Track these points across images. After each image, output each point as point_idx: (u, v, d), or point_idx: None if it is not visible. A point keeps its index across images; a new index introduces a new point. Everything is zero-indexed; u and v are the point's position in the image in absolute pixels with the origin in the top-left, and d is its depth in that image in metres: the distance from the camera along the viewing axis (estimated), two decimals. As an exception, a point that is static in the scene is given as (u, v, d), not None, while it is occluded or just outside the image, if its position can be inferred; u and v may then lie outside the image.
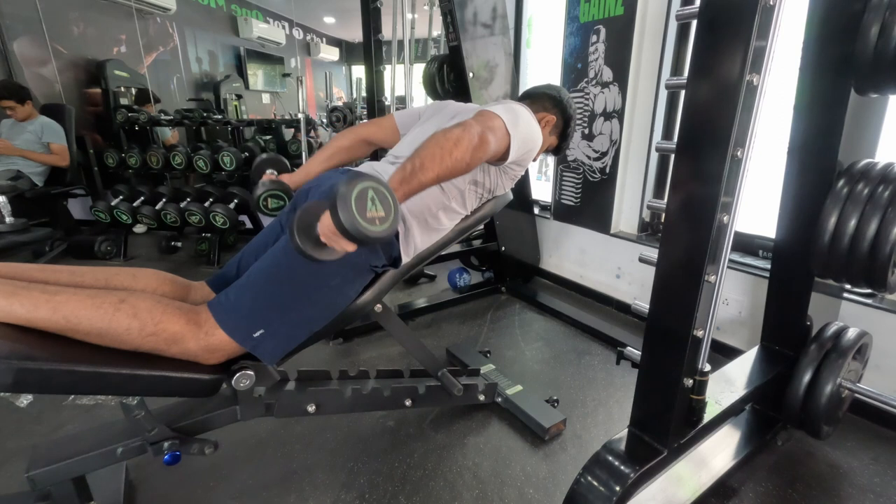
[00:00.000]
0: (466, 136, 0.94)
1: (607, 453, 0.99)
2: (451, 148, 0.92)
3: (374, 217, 0.78)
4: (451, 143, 0.92)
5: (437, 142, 0.92)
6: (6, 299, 0.77)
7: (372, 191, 0.78)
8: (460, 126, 0.95)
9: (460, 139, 0.93)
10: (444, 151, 0.92)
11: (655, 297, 0.99)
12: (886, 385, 1.40)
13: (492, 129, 1.00)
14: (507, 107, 1.10)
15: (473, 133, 0.95)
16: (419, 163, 0.91)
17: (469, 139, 0.94)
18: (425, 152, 0.91)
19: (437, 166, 0.91)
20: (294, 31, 6.56)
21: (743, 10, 0.77)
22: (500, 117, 1.04)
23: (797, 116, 1.16)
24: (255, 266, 1.01)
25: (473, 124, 0.97)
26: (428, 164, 0.91)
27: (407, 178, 0.90)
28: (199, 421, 1.05)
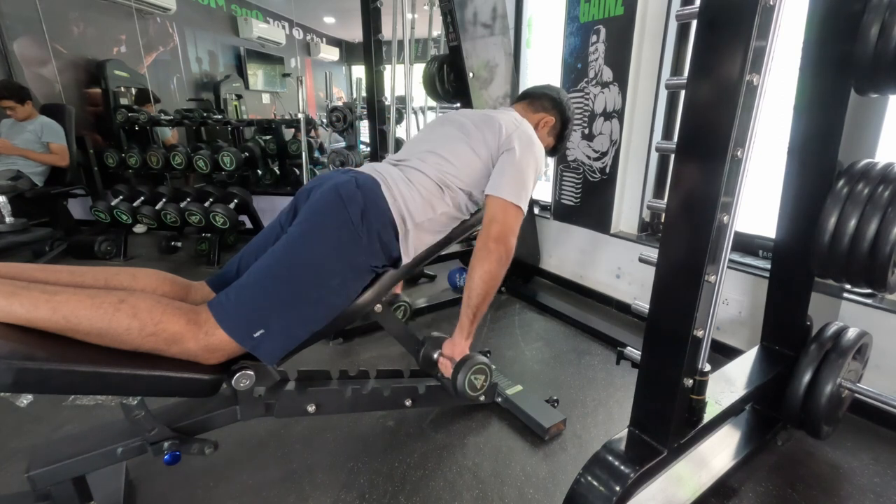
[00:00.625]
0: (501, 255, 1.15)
1: (607, 453, 0.99)
2: (496, 274, 1.15)
3: (479, 387, 1.24)
4: (493, 270, 1.15)
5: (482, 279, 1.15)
6: (6, 299, 0.77)
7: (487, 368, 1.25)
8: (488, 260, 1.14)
9: (495, 273, 1.15)
10: (489, 288, 1.16)
11: (655, 297, 0.99)
12: (886, 385, 1.40)
13: (512, 229, 1.17)
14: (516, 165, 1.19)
15: (504, 248, 1.15)
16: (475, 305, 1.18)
17: (500, 265, 1.15)
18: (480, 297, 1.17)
19: (490, 299, 1.18)
20: (294, 31, 6.55)
21: (743, 10, 0.77)
22: (514, 204, 1.16)
23: (797, 116, 1.16)
24: (256, 266, 1.01)
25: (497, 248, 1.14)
26: (482, 305, 1.18)
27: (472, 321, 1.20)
28: (199, 421, 1.04)
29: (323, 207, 1.06)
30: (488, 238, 1.15)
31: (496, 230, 1.15)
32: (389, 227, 1.10)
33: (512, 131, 1.22)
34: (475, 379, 1.22)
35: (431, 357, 1.31)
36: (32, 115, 3.03)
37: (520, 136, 1.22)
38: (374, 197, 1.09)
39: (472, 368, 1.21)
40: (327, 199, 1.06)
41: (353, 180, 1.09)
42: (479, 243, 1.17)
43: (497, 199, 1.16)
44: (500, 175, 1.19)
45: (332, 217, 1.05)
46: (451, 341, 1.26)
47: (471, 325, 1.21)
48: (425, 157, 1.22)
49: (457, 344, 1.24)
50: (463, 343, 1.24)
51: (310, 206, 1.08)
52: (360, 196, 1.07)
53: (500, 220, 1.16)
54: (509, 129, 1.23)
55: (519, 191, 1.17)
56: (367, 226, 1.06)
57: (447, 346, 1.26)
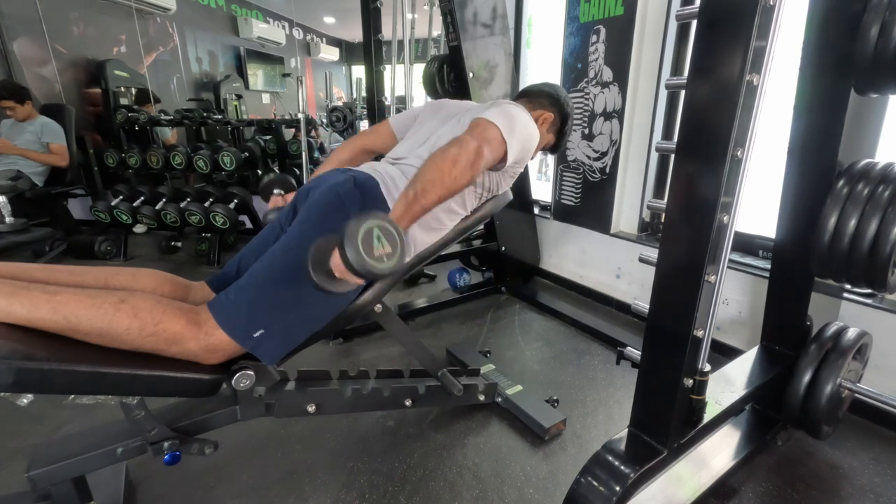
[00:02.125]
0: (463, 153, 0.96)
1: (607, 453, 0.99)
2: (450, 168, 0.94)
3: (381, 254, 0.81)
4: (448, 164, 0.94)
5: (435, 164, 0.95)
6: (6, 299, 0.77)
7: (377, 229, 0.81)
8: (456, 144, 0.97)
9: (457, 158, 0.95)
10: (443, 173, 0.94)
11: (655, 297, 0.99)
12: (886, 385, 1.40)
13: (487, 140, 1.02)
14: (503, 110, 1.11)
15: (470, 149, 0.97)
16: (420, 188, 0.93)
17: (466, 157, 0.96)
18: (425, 177, 0.94)
19: (439, 189, 0.94)
20: (294, 31, 6.55)
21: (743, 10, 0.77)
22: (496, 125, 1.05)
23: (797, 116, 1.16)
24: (255, 266, 1.01)
25: (469, 140, 0.98)
26: (429, 188, 0.93)
27: (410, 205, 0.93)
28: (199, 421, 1.05)
29: (321, 207, 1.06)
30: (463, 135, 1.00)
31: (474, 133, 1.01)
32: (389, 226, 1.10)
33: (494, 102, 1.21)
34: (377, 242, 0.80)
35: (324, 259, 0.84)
36: (32, 116, 3.03)
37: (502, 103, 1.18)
38: (373, 196, 1.09)
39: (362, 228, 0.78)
40: (326, 199, 1.06)
41: (351, 179, 1.09)
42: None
43: (479, 118, 1.06)
44: (484, 110, 1.10)
45: (330, 216, 1.05)
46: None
47: (405, 207, 0.92)
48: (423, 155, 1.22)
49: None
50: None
51: (309, 206, 1.08)
52: (358, 195, 1.07)
53: (482, 126, 1.03)
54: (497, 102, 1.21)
55: (504, 123, 1.05)
56: None
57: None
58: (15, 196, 2.78)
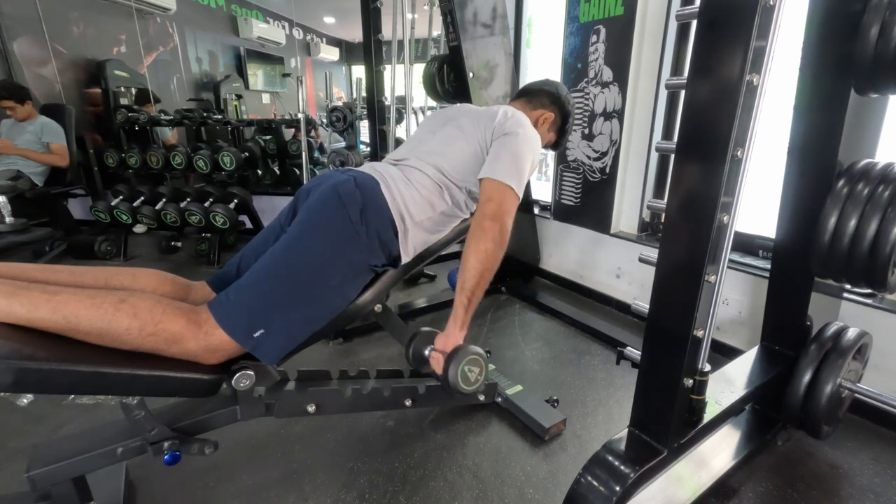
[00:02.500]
0: (496, 235, 1.09)
1: (607, 453, 0.99)
2: (491, 266, 1.09)
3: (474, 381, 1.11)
4: (489, 254, 1.08)
5: (478, 262, 1.08)
6: (6, 299, 0.77)
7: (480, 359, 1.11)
8: (483, 237, 1.08)
9: (492, 254, 1.09)
10: (486, 271, 1.08)
11: (655, 297, 0.99)
12: (886, 385, 1.40)
13: (508, 211, 1.12)
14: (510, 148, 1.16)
15: (499, 227, 1.09)
16: (470, 290, 1.09)
17: (495, 245, 1.09)
18: (474, 281, 1.08)
19: (485, 284, 1.10)
20: (294, 31, 6.55)
21: (743, 10, 0.77)
22: (510, 187, 1.12)
23: (797, 116, 1.16)
24: (256, 266, 1.01)
25: (492, 226, 1.09)
26: (478, 291, 1.10)
27: (467, 309, 1.10)
28: (199, 421, 1.04)
29: (322, 207, 1.06)
30: (483, 217, 1.09)
31: (492, 209, 1.10)
32: (389, 226, 1.10)
33: (504, 120, 1.22)
34: (469, 371, 1.08)
35: (422, 353, 1.18)
36: (32, 116, 3.03)
37: (513, 123, 1.21)
38: (373, 196, 1.09)
39: (464, 359, 1.07)
40: (326, 199, 1.06)
41: (351, 180, 1.09)
42: (473, 224, 1.11)
43: (492, 181, 1.13)
44: (495, 159, 1.16)
45: (331, 216, 1.05)
46: (444, 334, 1.14)
47: (465, 313, 1.10)
48: (424, 156, 1.22)
49: (450, 335, 1.12)
50: (457, 334, 1.11)
51: (309, 206, 1.08)
52: (358, 195, 1.07)
53: (497, 199, 1.11)
54: (502, 117, 1.23)
55: (514, 173, 1.14)
56: (367, 225, 1.06)
57: (440, 340, 1.14)
58: (15, 196, 2.78)
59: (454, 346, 1.10)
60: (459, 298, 1.10)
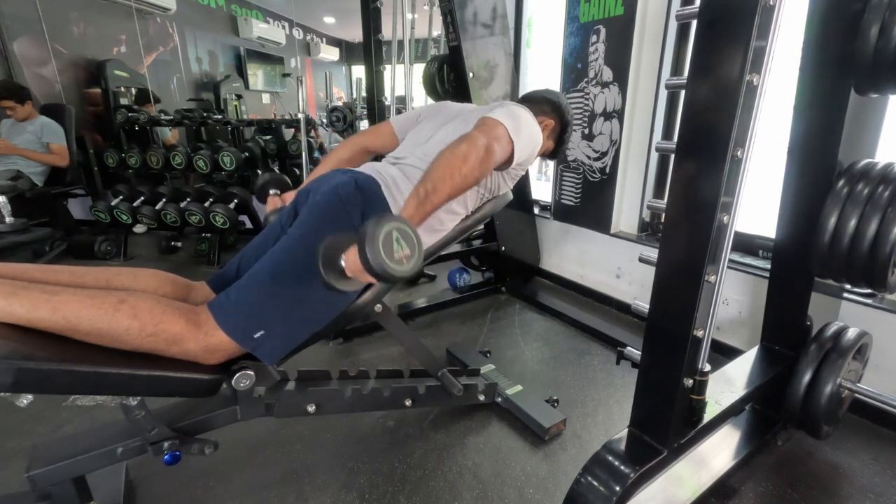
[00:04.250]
0: (473, 150, 0.95)
1: (607, 453, 0.99)
2: (460, 165, 0.94)
3: (401, 257, 0.81)
4: (458, 161, 0.94)
5: (445, 161, 0.94)
6: (6, 299, 0.77)
7: (396, 231, 0.80)
8: (465, 141, 0.97)
9: (467, 155, 0.94)
10: (454, 169, 0.93)
11: (655, 297, 0.99)
12: (886, 385, 1.40)
13: (496, 137, 1.02)
14: (509, 111, 1.11)
15: (479, 145, 0.97)
16: (431, 186, 0.92)
17: (476, 153, 0.95)
18: (435, 174, 0.93)
19: (449, 186, 0.93)
20: (294, 31, 6.55)
21: (743, 10, 0.77)
22: (503, 124, 1.05)
23: (797, 116, 1.16)
24: (256, 267, 1.01)
25: (478, 136, 0.98)
26: (439, 185, 0.92)
27: (421, 203, 0.92)
28: (199, 421, 1.05)
29: (322, 208, 1.06)
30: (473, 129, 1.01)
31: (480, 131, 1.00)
32: (389, 227, 1.10)
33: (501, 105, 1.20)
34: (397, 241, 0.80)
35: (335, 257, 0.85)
36: (32, 116, 3.03)
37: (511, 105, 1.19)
38: (374, 197, 1.09)
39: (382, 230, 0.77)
40: (327, 200, 1.06)
41: (352, 181, 1.09)
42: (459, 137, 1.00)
43: (485, 117, 1.06)
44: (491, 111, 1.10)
45: (331, 217, 1.05)
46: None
47: (417, 205, 0.91)
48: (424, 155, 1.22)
49: None
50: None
51: (309, 207, 1.08)
52: (359, 196, 1.07)
53: (489, 125, 1.03)
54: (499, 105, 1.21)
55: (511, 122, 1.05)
56: None
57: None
58: (15, 196, 2.78)
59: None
60: (415, 189, 0.93)
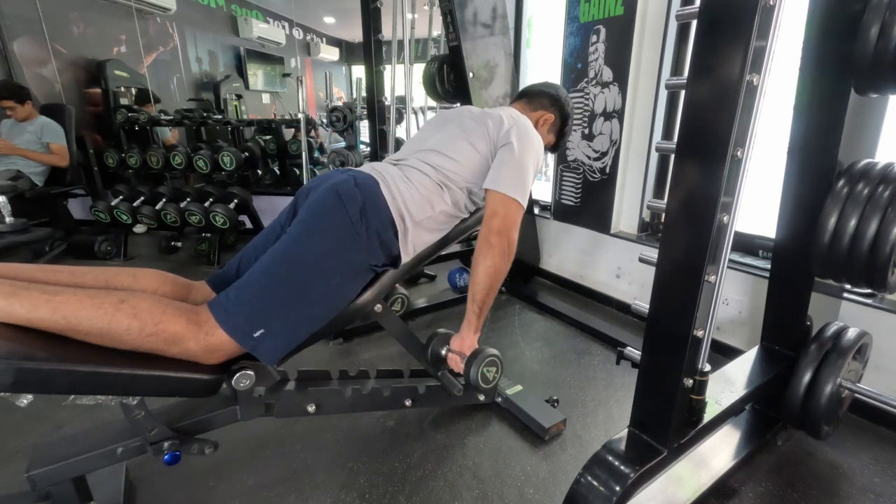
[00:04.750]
0: (504, 248, 1.15)
1: (607, 453, 0.99)
2: (497, 277, 1.16)
3: (491, 379, 1.28)
4: (497, 264, 1.15)
5: (486, 272, 1.15)
6: (6, 299, 0.77)
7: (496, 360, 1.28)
8: (490, 252, 1.14)
9: (498, 267, 1.15)
10: (494, 282, 1.16)
11: (655, 297, 0.99)
12: (886, 385, 1.40)
13: (515, 223, 1.17)
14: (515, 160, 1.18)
15: (507, 241, 1.15)
16: (481, 302, 1.20)
17: (503, 260, 1.15)
18: (485, 291, 1.18)
19: (494, 292, 1.20)
20: (294, 31, 6.55)
21: (743, 10, 0.77)
22: (515, 200, 1.15)
23: (797, 116, 1.16)
24: (256, 266, 1.01)
25: (498, 241, 1.14)
26: (488, 299, 1.20)
27: (479, 316, 1.22)
28: (199, 421, 1.05)
29: (322, 207, 1.06)
30: (490, 232, 1.15)
31: (497, 224, 1.15)
32: (388, 226, 1.10)
33: (510, 126, 1.23)
34: (487, 371, 1.25)
35: (440, 353, 1.34)
36: (32, 116, 3.03)
37: (518, 129, 1.22)
38: (373, 196, 1.09)
39: (484, 361, 1.24)
40: (326, 199, 1.06)
41: (351, 179, 1.09)
42: (481, 238, 1.17)
43: (497, 194, 1.16)
44: (500, 169, 1.18)
45: (330, 216, 1.05)
46: (458, 336, 1.28)
47: (478, 319, 1.23)
48: (424, 156, 1.22)
49: (465, 338, 1.26)
50: (471, 337, 1.26)
51: (309, 205, 1.08)
52: (358, 195, 1.07)
53: (502, 213, 1.16)
54: (508, 123, 1.23)
55: (518, 184, 1.17)
56: (366, 224, 1.06)
57: (455, 342, 1.28)
58: (15, 196, 2.78)
59: (472, 349, 1.26)
60: (471, 308, 1.21)
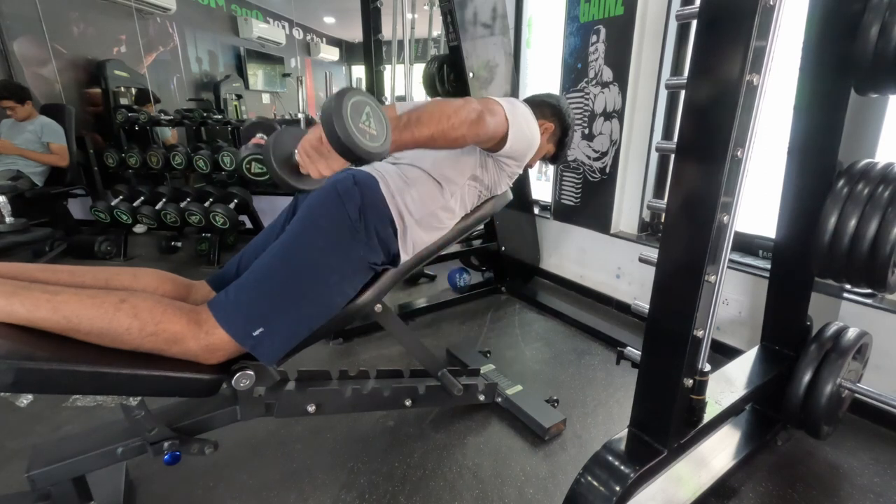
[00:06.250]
0: (466, 108, 0.96)
1: (607, 453, 0.99)
2: (451, 113, 0.93)
3: (366, 131, 0.73)
4: (450, 109, 0.93)
5: (438, 105, 0.94)
6: (6, 299, 0.77)
7: (369, 106, 0.74)
8: (460, 99, 0.98)
9: (459, 109, 0.94)
10: (443, 115, 0.92)
11: (655, 297, 0.99)
12: (886, 385, 1.40)
13: (491, 111, 1.03)
14: (508, 100, 1.13)
15: (472, 107, 0.97)
16: (416, 116, 0.90)
17: (468, 112, 0.95)
18: (424, 111, 0.91)
19: (434, 126, 0.90)
20: (294, 31, 6.55)
21: (743, 10, 0.77)
22: (501, 104, 1.07)
23: (797, 116, 1.16)
24: (255, 265, 1.01)
25: (473, 101, 1.00)
26: (425, 120, 0.90)
27: (401, 128, 0.87)
28: (199, 421, 1.05)
29: (321, 205, 1.06)
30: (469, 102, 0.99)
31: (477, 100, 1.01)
32: (388, 224, 1.10)
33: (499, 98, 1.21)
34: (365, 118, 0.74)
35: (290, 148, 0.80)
36: (32, 116, 3.03)
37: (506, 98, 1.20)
38: (372, 194, 1.09)
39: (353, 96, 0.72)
40: (325, 197, 1.06)
41: (350, 177, 1.09)
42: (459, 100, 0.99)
43: (485, 97, 1.07)
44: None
45: (329, 214, 1.05)
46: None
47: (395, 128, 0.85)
48: (422, 154, 1.22)
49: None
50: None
51: (308, 204, 1.08)
52: (357, 193, 1.07)
53: (486, 100, 1.05)
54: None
55: (508, 105, 1.08)
56: (365, 222, 1.06)
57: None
58: (15, 196, 2.78)
59: None
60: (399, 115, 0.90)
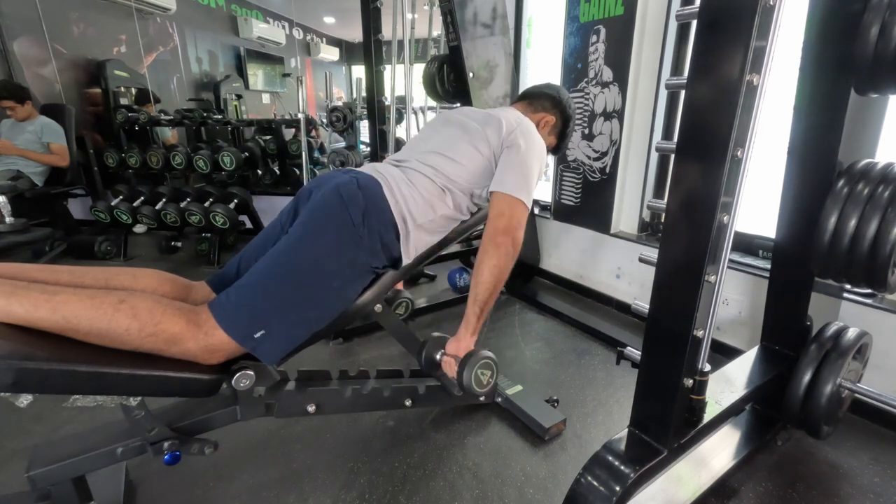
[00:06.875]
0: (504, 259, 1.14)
1: (607, 453, 0.99)
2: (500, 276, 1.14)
3: (486, 383, 1.20)
4: (501, 273, 1.14)
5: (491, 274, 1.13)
6: (6, 299, 0.77)
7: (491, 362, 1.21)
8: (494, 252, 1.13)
9: (506, 266, 1.15)
10: (497, 281, 1.14)
11: (655, 297, 0.99)
12: (886, 385, 1.40)
13: (520, 223, 1.16)
14: (521, 160, 1.18)
15: (508, 245, 1.14)
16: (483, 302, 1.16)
17: (507, 258, 1.14)
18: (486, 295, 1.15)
19: (498, 290, 1.17)
20: (294, 31, 6.55)
21: (743, 10, 0.77)
22: (520, 200, 1.15)
23: (797, 116, 1.16)
24: (256, 266, 1.01)
25: (504, 241, 1.13)
26: (490, 299, 1.16)
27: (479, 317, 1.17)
28: (199, 421, 1.04)
29: (324, 208, 1.06)
30: (496, 232, 1.14)
31: (503, 223, 1.14)
32: (390, 228, 1.10)
33: (514, 128, 1.23)
34: (482, 374, 1.18)
35: (434, 357, 1.26)
36: (32, 116, 3.03)
37: (522, 132, 1.22)
38: (376, 198, 1.09)
39: (478, 364, 1.16)
40: (329, 200, 1.06)
41: (354, 181, 1.09)
42: (485, 237, 1.15)
43: (503, 195, 1.16)
44: (505, 171, 1.18)
45: (333, 218, 1.05)
46: (455, 339, 1.22)
47: (477, 321, 1.17)
48: (426, 158, 1.22)
49: (462, 340, 1.20)
50: (468, 339, 1.20)
51: (311, 206, 1.08)
52: (361, 197, 1.07)
53: (507, 214, 1.15)
54: (511, 125, 1.23)
55: (523, 186, 1.17)
56: (368, 226, 1.06)
57: (451, 345, 1.23)
58: (15, 196, 2.78)
59: (466, 351, 1.19)
60: (472, 308, 1.17)
